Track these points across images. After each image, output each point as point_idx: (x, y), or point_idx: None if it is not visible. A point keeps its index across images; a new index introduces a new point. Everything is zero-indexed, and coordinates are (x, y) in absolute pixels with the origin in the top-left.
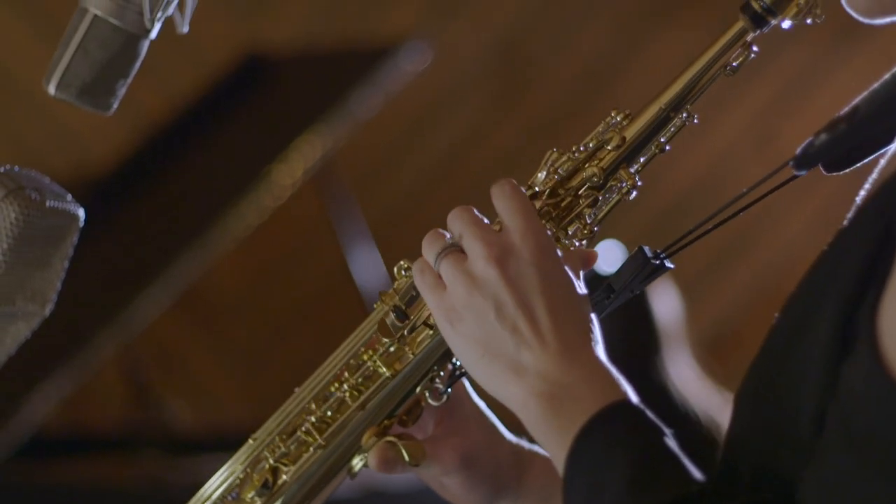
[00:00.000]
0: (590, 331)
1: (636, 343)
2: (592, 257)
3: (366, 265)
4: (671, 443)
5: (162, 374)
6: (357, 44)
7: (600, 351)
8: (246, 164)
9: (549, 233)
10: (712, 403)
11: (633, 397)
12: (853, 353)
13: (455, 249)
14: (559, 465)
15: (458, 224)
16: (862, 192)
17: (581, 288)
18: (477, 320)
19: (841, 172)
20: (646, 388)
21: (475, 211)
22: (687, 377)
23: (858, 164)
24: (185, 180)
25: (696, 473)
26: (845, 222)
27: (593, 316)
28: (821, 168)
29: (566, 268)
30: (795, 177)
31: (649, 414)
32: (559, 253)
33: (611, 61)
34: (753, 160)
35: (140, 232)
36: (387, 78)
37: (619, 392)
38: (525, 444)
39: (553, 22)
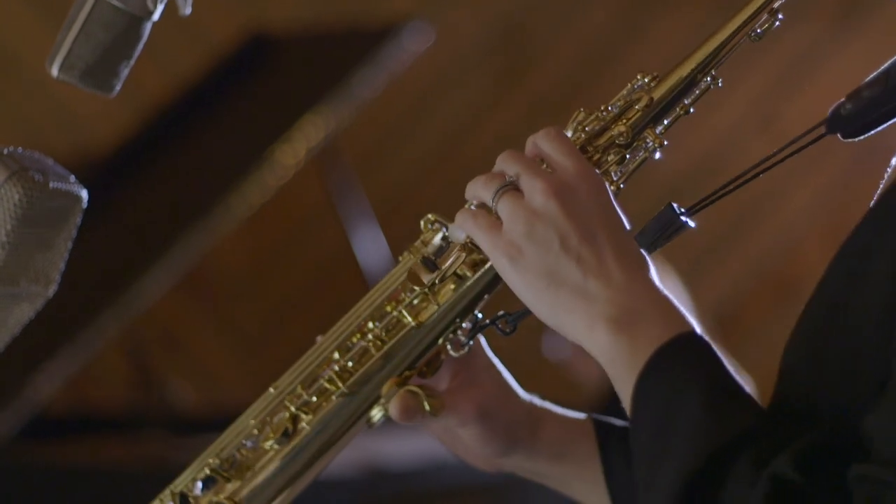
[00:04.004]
0: (647, 263)
1: None
2: None
3: (368, 245)
4: (735, 374)
5: (165, 355)
6: (359, 24)
7: (659, 282)
8: (249, 144)
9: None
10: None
11: (698, 328)
12: None
13: (513, 187)
14: (625, 388)
15: (513, 164)
16: None
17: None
18: (540, 252)
19: (857, 139)
20: None
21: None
22: None
23: (872, 132)
24: (187, 161)
25: (759, 404)
26: None
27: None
28: (839, 136)
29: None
30: (813, 142)
31: (713, 346)
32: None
33: (612, 40)
34: (756, 140)
35: (143, 213)
36: (389, 58)
37: (684, 322)
38: (538, 400)
39: (554, 1)
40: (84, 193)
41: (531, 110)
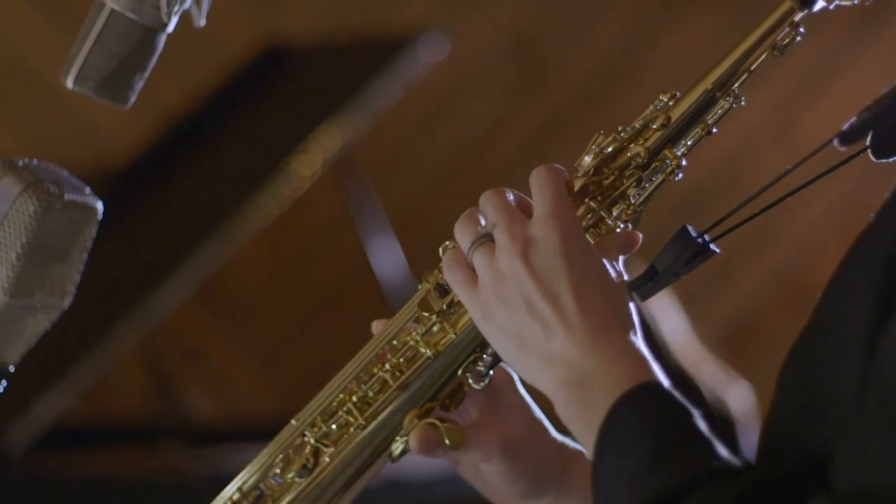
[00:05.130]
0: (620, 313)
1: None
2: (635, 240)
3: (385, 256)
4: (700, 422)
5: (182, 366)
6: (375, 35)
7: (631, 332)
8: (265, 155)
9: (579, 216)
10: (717, 381)
11: (662, 378)
12: (892, 315)
13: (487, 241)
14: (590, 451)
15: (490, 211)
16: None
17: (615, 272)
18: (509, 314)
19: (891, 160)
20: None
21: (507, 194)
22: (691, 359)
23: None
24: (203, 172)
25: (724, 452)
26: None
27: (631, 304)
28: (870, 154)
29: (595, 253)
30: (849, 160)
31: (677, 395)
32: (590, 240)
33: (628, 50)
34: (772, 151)
35: (160, 223)
36: (405, 69)
37: (646, 373)
38: (570, 442)
39: (570, 10)
40: (99, 205)
41: (547, 120)
